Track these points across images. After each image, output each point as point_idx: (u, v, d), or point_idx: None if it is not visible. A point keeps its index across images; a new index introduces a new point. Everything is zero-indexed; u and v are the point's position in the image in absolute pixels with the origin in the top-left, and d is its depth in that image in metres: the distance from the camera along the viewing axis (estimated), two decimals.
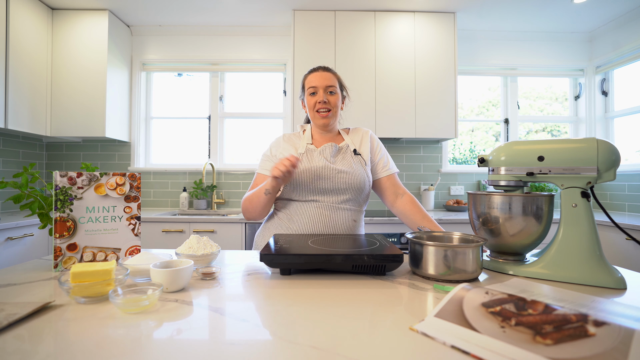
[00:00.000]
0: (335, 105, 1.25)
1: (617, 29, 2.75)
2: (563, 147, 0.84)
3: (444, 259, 0.78)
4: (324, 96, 1.23)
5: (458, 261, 0.77)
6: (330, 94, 1.24)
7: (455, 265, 0.78)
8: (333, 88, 1.24)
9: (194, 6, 2.61)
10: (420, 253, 0.81)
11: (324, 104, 1.23)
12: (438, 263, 0.79)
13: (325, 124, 1.25)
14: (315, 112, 1.25)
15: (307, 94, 1.26)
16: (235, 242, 2.30)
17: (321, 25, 2.61)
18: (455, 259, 0.78)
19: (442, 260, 0.78)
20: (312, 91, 1.25)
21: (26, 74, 2.35)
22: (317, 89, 1.24)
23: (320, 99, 1.22)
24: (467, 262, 0.78)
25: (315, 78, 1.25)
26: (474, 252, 0.78)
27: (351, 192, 1.20)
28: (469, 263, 0.78)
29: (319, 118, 1.25)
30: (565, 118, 3.15)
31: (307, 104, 1.28)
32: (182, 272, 0.71)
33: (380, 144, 1.36)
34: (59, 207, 0.86)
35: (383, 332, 0.54)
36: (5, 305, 0.60)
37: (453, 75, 2.63)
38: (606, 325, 0.46)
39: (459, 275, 0.78)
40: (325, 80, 1.24)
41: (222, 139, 3.06)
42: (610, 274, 0.77)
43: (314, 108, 1.25)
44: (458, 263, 0.77)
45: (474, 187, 3.01)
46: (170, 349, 0.48)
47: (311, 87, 1.24)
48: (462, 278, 0.78)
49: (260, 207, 1.19)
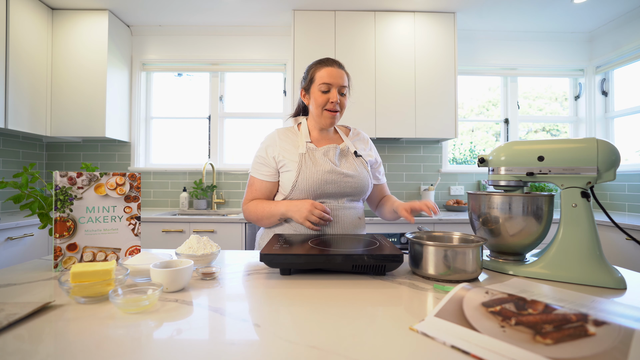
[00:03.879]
0: (344, 106, 1.20)
1: (617, 29, 2.75)
2: (563, 147, 0.84)
3: (444, 259, 0.78)
4: (337, 96, 1.16)
5: (458, 261, 0.77)
6: (342, 95, 1.18)
7: (455, 265, 0.78)
8: (345, 89, 1.18)
9: (194, 6, 2.61)
10: (420, 253, 0.81)
11: (336, 105, 1.16)
12: (438, 263, 0.79)
13: (332, 123, 1.21)
14: (325, 111, 1.18)
15: (318, 89, 1.17)
16: (235, 242, 2.30)
17: (321, 25, 2.61)
18: (455, 259, 0.78)
19: (442, 260, 0.78)
20: (326, 88, 1.16)
21: (26, 74, 2.35)
22: (331, 87, 1.16)
23: (334, 99, 1.15)
24: (467, 262, 0.78)
25: (329, 74, 1.16)
26: (474, 252, 0.78)
27: (356, 194, 1.20)
28: (469, 263, 0.78)
29: (327, 117, 1.18)
30: (565, 118, 3.15)
31: (314, 99, 1.18)
32: (182, 272, 0.71)
33: (378, 153, 1.38)
34: (59, 207, 0.86)
35: (383, 332, 0.54)
36: (5, 305, 0.60)
37: (453, 75, 2.63)
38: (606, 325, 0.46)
39: (459, 275, 0.78)
40: (340, 79, 1.16)
41: (222, 139, 3.06)
42: (610, 274, 0.77)
43: (324, 106, 1.17)
44: (458, 263, 0.77)
45: (474, 187, 3.01)
46: (170, 349, 0.48)
47: (325, 83, 1.15)
48: (462, 278, 0.78)
49: (269, 224, 1.20)
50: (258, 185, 1.23)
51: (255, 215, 1.20)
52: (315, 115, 1.21)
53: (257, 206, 1.19)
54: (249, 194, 1.25)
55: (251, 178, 1.25)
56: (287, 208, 1.12)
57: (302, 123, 1.27)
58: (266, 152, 1.22)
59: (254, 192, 1.24)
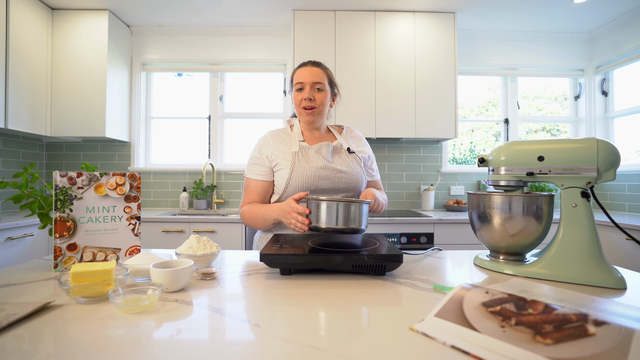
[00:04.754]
0: (322, 103, 1.21)
1: (617, 29, 2.75)
2: (563, 147, 0.84)
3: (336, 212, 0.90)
4: (310, 93, 1.18)
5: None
6: (318, 91, 1.20)
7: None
8: (321, 85, 1.20)
9: (194, 6, 2.61)
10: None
11: (309, 102, 1.19)
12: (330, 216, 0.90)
13: (310, 121, 1.22)
14: (301, 109, 1.21)
15: (294, 89, 1.22)
16: (235, 242, 2.30)
17: (321, 25, 2.61)
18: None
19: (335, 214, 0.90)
20: (299, 87, 1.20)
21: (26, 74, 2.35)
22: (304, 85, 1.19)
23: (306, 96, 1.18)
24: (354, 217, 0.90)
25: (303, 73, 1.20)
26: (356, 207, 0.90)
27: (350, 190, 1.20)
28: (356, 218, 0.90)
29: (303, 115, 1.21)
30: (565, 118, 3.15)
31: (293, 99, 1.24)
32: (182, 272, 0.71)
33: (372, 150, 1.38)
34: (59, 207, 0.86)
35: (383, 332, 0.54)
36: (5, 305, 0.60)
37: (453, 75, 2.63)
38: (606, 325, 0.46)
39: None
40: (313, 77, 1.19)
41: (222, 139, 3.06)
42: (610, 274, 0.77)
43: (300, 105, 1.21)
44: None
45: (474, 187, 3.01)
46: (170, 349, 0.48)
47: (298, 82, 1.20)
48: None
49: (265, 227, 1.20)
50: (254, 187, 1.24)
51: (250, 220, 1.20)
52: (298, 115, 1.25)
53: (252, 210, 1.19)
54: (245, 197, 1.26)
55: (247, 180, 1.26)
56: (278, 214, 1.10)
57: (294, 124, 1.29)
58: (260, 152, 1.24)
59: (250, 193, 1.24)
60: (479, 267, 0.93)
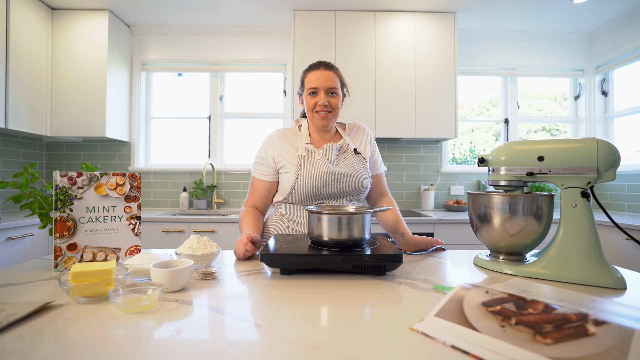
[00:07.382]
0: (337, 106, 1.20)
1: (617, 29, 2.75)
2: (563, 147, 0.84)
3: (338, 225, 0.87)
4: (325, 98, 1.17)
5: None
6: (332, 96, 1.18)
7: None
8: (335, 89, 1.18)
9: (194, 6, 2.61)
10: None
11: (324, 107, 1.17)
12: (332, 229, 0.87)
13: (325, 125, 1.20)
14: (315, 113, 1.19)
15: (307, 93, 1.19)
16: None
17: (321, 25, 2.61)
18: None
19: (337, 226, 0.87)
20: (312, 91, 1.18)
21: (26, 74, 2.35)
22: (318, 90, 1.17)
23: (322, 102, 1.16)
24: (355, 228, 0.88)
25: (316, 77, 1.18)
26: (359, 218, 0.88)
27: (355, 194, 1.20)
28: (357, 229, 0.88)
29: (318, 119, 1.19)
30: (565, 118, 3.15)
31: (306, 103, 1.21)
32: (182, 272, 0.71)
33: (374, 141, 1.35)
34: (59, 207, 0.86)
35: (383, 332, 0.54)
36: (5, 305, 0.60)
37: (453, 75, 2.63)
38: (606, 325, 0.46)
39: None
40: (327, 81, 1.17)
41: (222, 139, 3.06)
42: (610, 273, 0.77)
43: (313, 109, 1.19)
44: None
45: (474, 187, 3.01)
46: (170, 348, 0.48)
47: (311, 87, 1.17)
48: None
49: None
50: (258, 185, 1.25)
51: (240, 222, 1.23)
52: (309, 118, 1.23)
53: (242, 218, 1.22)
54: (249, 194, 1.28)
55: (252, 178, 1.28)
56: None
57: (302, 125, 1.28)
58: (266, 153, 1.23)
59: (254, 192, 1.26)
60: (479, 267, 0.94)
